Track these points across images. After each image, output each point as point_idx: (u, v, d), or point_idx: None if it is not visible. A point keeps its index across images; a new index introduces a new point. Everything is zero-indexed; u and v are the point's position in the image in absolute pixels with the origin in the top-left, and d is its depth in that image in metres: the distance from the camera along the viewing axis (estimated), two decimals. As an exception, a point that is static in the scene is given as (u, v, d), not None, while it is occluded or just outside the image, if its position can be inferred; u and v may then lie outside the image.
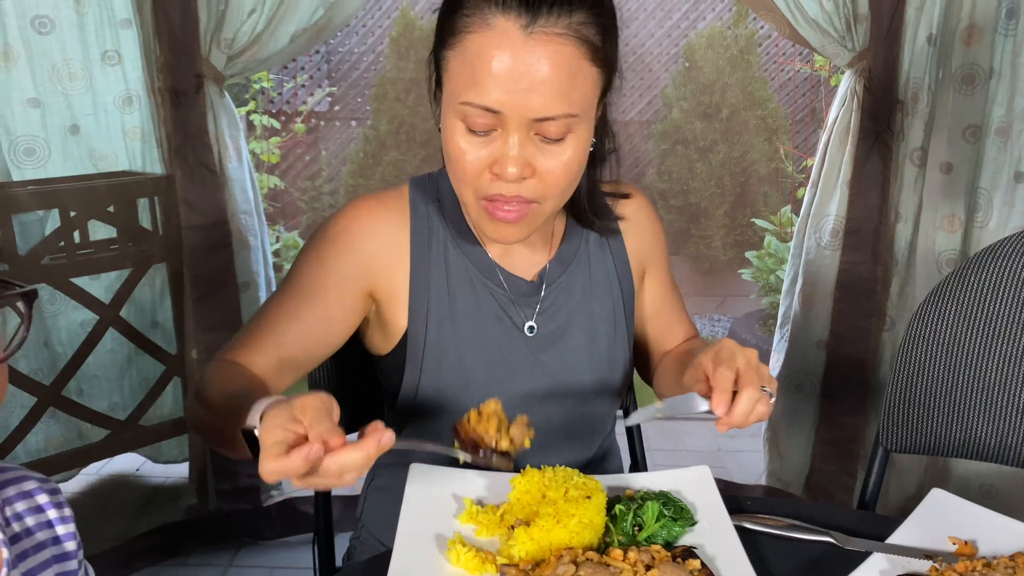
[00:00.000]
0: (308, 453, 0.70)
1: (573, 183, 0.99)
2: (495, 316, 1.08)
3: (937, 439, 1.36)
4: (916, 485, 2.22)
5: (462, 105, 0.91)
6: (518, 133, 0.91)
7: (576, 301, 1.12)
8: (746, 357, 0.89)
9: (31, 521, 0.71)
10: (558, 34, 0.88)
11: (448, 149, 0.96)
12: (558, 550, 0.83)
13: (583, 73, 0.91)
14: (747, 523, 0.95)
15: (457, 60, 0.92)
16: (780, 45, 5.02)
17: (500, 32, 0.88)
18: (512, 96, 0.89)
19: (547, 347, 1.10)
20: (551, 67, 0.88)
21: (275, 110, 4.86)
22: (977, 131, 1.98)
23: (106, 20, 2.09)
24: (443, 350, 1.06)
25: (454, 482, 0.98)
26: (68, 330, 2.26)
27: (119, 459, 2.55)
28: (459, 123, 0.93)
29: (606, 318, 1.14)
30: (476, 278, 1.08)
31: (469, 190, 0.97)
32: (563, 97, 0.90)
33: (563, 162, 0.94)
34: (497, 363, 1.07)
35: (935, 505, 0.97)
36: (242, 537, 2.35)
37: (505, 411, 1.01)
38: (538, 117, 0.90)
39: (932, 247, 2.09)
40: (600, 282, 1.14)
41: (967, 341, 1.32)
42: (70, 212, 2.09)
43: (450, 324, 1.06)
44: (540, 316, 1.10)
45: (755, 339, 4.03)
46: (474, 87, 0.90)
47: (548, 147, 0.93)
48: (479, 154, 0.93)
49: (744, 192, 4.92)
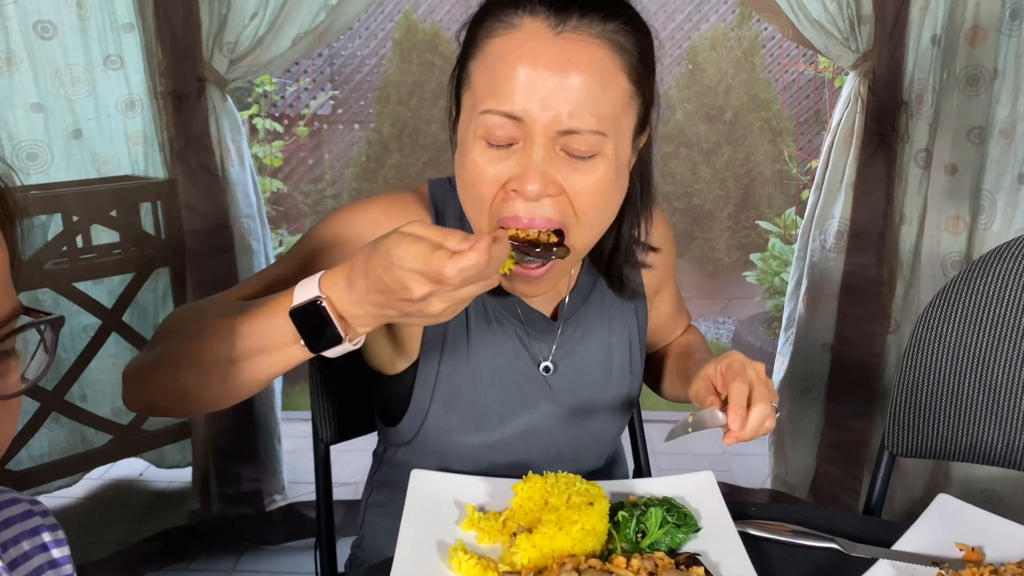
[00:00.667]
0: (483, 242, 0.66)
1: (602, 217, 0.89)
2: (513, 352, 1.03)
3: (943, 443, 1.35)
4: (921, 489, 2.20)
5: (482, 115, 0.83)
6: (542, 145, 0.82)
7: (594, 335, 1.07)
8: (756, 371, 0.88)
9: (27, 546, 0.69)
10: (591, 35, 0.81)
11: (463, 169, 0.87)
12: (561, 557, 0.82)
13: (617, 85, 0.83)
14: (751, 529, 0.94)
15: (478, 70, 0.85)
16: (784, 47, 5.01)
17: (525, 32, 0.82)
18: (537, 102, 0.80)
19: (564, 384, 1.06)
20: (581, 69, 0.80)
21: (278, 113, 4.87)
22: (981, 132, 1.97)
23: (108, 24, 2.09)
24: (456, 383, 1.01)
25: (456, 488, 0.97)
26: (71, 335, 2.26)
27: (122, 464, 2.55)
28: (477, 140, 0.84)
29: (622, 349, 1.10)
30: (494, 310, 1.02)
31: (485, 216, 0.87)
32: (593, 106, 0.81)
33: (593, 182, 0.84)
34: (512, 398, 1.03)
35: (941, 511, 0.96)
36: (245, 542, 2.34)
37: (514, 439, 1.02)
38: (565, 129, 0.81)
39: (937, 249, 2.08)
40: (617, 313, 1.09)
41: (973, 344, 1.31)
42: (72, 217, 2.09)
43: (465, 357, 1.01)
44: (558, 352, 1.05)
45: (759, 342, 4.02)
46: (495, 92, 0.82)
47: (577, 163, 0.83)
48: (497, 170, 0.84)
49: (748, 194, 4.91)
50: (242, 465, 2.29)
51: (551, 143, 0.83)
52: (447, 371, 1.01)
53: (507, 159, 0.84)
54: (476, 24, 0.87)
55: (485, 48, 0.84)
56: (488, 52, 0.84)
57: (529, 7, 0.82)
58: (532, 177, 0.82)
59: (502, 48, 0.82)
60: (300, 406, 2.86)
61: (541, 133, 0.82)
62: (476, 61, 0.85)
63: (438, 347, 1.01)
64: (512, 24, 0.82)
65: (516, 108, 0.81)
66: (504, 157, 0.84)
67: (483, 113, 0.83)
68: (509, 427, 1.04)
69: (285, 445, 2.41)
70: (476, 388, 1.02)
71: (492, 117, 0.82)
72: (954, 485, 2.13)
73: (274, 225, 4.57)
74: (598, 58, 0.81)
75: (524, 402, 1.04)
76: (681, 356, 1.20)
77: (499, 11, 0.85)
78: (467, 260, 0.66)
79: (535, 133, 0.82)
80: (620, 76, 0.83)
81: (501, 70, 0.82)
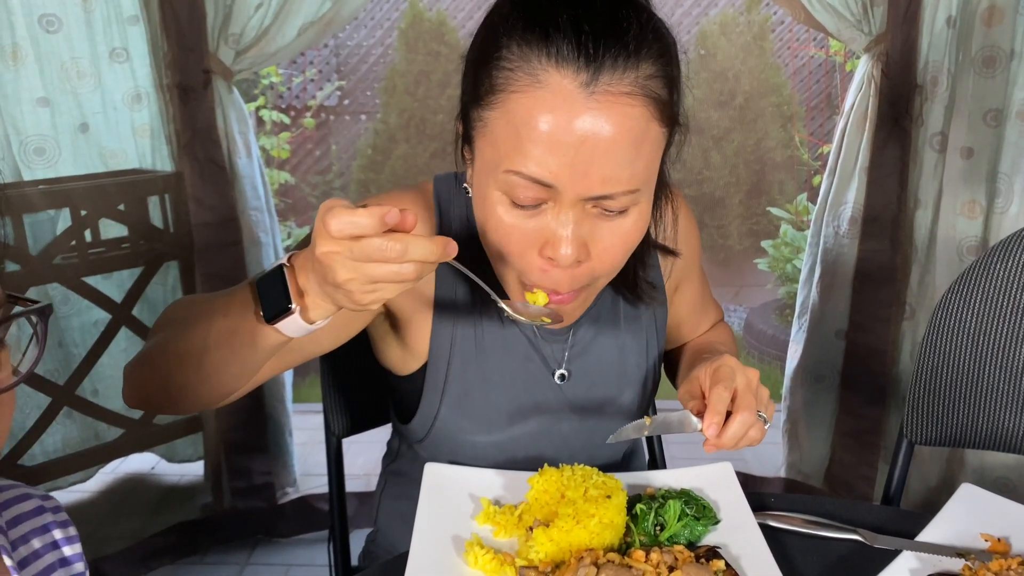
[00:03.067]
0: (385, 212, 0.62)
1: (629, 253, 0.86)
2: (524, 355, 1.00)
3: (962, 431, 1.33)
4: (937, 476, 2.18)
5: (507, 175, 0.77)
6: (573, 209, 0.78)
7: (607, 336, 1.04)
8: (746, 378, 0.83)
9: (38, 543, 0.68)
10: (624, 93, 0.74)
11: (487, 223, 0.82)
12: (578, 551, 0.81)
13: (650, 139, 0.78)
14: (771, 521, 0.92)
15: (499, 123, 0.77)
16: (794, 31, 4.96)
17: (554, 92, 0.74)
18: (569, 170, 0.75)
19: (577, 391, 1.04)
20: (616, 135, 0.74)
21: (284, 105, 4.86)
22: (998, 115, 1.94)
23: (114, 17, 2.08)
24: (467, 386, 0.99)
25: (471, 482, 0.96)
26: (81, 330, 2.25)
27: (134, 458, 2.55)
28: (501, 195, 0.79)
29: (637, 350, 1.06)
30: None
31: (512, 273, 0.85)
32: (628, 170, 0.77)
33: (621, 236, 0.81)
34: (524, 402, 1.01)
35: (966, 500, 0.95)
36: (258, 535, 2.34)
37: (526, 441, 1.00)
38: (598, 195, 0.77)
39: (952, 234, 2.05)
40: (631, 310, 1.05)
41: (993, 330, 1.29)
42: (81, 211, 2.09)
43: (475, 360, 0.99)
44: (571, 355, 1.02)
45: (772, 329, 4.00)
46: (522, 157, 0.75)
47: (607, 221, 0.80)
48: (526, 228, 0.80)
49: (759, 180, 4.88)
50: (254, 458, 2.29)
51: (581, 206, 0.79)
52: (457, 373, 0.99)
53: (535, 217, 0.80)
54: (492, 55, 0.78)
55: (507, 103, 0.76)
56: (511, 109, 0.76)
57: (556, 54, 0.74)
58: (564, 244, 0.79)
59: (528, 109, 0.75)
60: (311, 398, 2.85)
61: (572, 199, 0.77)
62: (495, 111, 0.78)
63: (447, 348, 0.99)
64: (538, 79, 0.74)
65: (546, 176, 0.76)
66: (532, 216, 0.80)
67: (507, 173, 0.77)
68: (520, 428, 1.02)
69: (296, 438, 2.41)
70: (486, 390, 1.00)
71: (518, 179, 0.77)
72: (968, 473, 2.11)
73: (282, 217, 4.56)
74: (632, 118, 0.75)
75: (535, 404, 1.02)
76: (696, 352, 1.15)
77: (520, 49, 0.76)
78: (352, 215, 0.62)
79: (565, 199, 0.77)
80: (654, 126, 0.78)
81: (527, 133, 0.75)
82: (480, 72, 0.79)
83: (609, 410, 1.06)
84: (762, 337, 4.00)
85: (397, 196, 0.98)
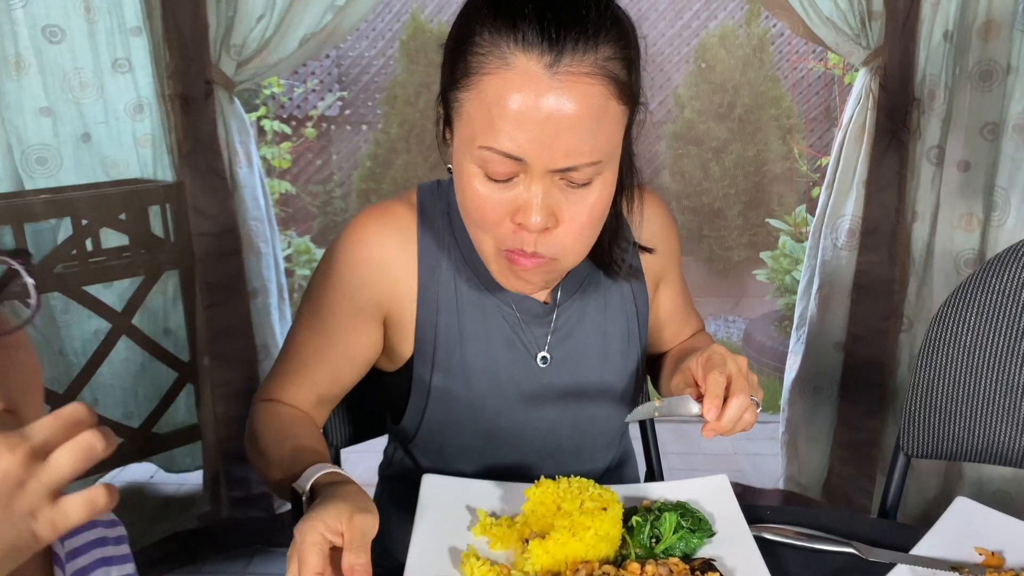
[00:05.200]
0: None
1: (597, 228, 0.93)
2: (505, 340, 1.04)
3: (959, 444, 1.33)
4: (935, 489, 2.18)
5: (481, 151, 0.85)
6: (542, 180, 0.85)
7: (590, 321, 1.08)
8: (737, 364, 0.88)
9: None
10: (585, 73, 0.81)
11: (465, 195, 0.90)
12: (574, 564, 0.81)
13: (610, 114, 0.85)
14: (766, 533, 0.93)
15: (473, 103, 0.85)
16: (793, 43, 4.99)
17: (521, 73, 0.81)
18: (537, 144, 0.82)
19: (560, 374, 1.07)
20: (578, 111, 0.82)
21: (286, 115, 4.87)
22: (995, 128, 1.95)
23: (116, 28, 2.09)
24: (451, 378, 1.03)
25: (467, 493, 0.96)
26: (82, 339, 2.26)
27: (132, 468, 2.55)
28: (477, 169, 0.87)
29: (620, 336, 1.10)
30: (486, 298, 1.04)
31: (489, 239, 0.92)
32: (590, 144, 0.84)
33: (588, 205, 0.88)
34: (507, 388, 1.05)
35: (960, 514, 0.95)
36: (256, 544, 2.34)
37: (512, 430, 1.04)
38: (563, 167, 0.84)
39: (950, 247, 2.05)
40: (614, 300, 1.10)
41: (989, 343, 1.29)
42: (82, 220, 2.09)
43: (459, 351, 1.03)
44: (553, 340, 1.06)
45: (770, 340, 4.00)
46: (494, 133, 0.83)
47: (573, 192, 0.87)
48: (500, 199, 0.87)
49: (758, 192, 4.89)
50: (252, 468, 2.29)
51: (550, 177, 0.86)
52: (442, 365, 1.03)
53: (509, 190, 0.87)
54: (466, 42, 0.85)
55: (479, 84, 0.84)
56: (483, 89, 0.84)
57: (522, 39, 0.81)
58: (535, 211, 0.86)
59: (498, 89, 0.82)
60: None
61: (540, 171, 0.85)
62: (469, 92, 0.85)
63: (431, 342, 1.03)
64: (507, 62, 0.82)
65: (515, 150, 0.83)
66: (505, 188, 0.87)
67: (481, 148, 0.85)
68: (505, 418, 1.05)
69: (295, 448, 2.41)
70: (470, 380, 1.03)
71: (491, 155, 0.84)
72: (966, 485, 2.11)
73: (283, 227, 4.58)
74: (592, 96, 0.82)
75: (518, 391, 1.05)
76: (681, 354, 1.18)
77: (491, 36, 0.83)
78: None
79: (534, 171, 0.85)
80: (613, 103, 0.85)
81: (498, 111, 0.82)
82: (456, 58, 0.87)
83: (592, 394, 1.08)
84: (761, 348, 4.00)
85: (387, 212, 1.05)
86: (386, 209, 1.05)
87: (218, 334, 2.20)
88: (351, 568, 0.72)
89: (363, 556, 0.73)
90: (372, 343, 1.05)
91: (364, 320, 1.03)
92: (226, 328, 2.20)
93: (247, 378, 2.24)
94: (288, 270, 4.23)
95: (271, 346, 2.28)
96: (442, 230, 1.04)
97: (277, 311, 2.30)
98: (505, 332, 1.04)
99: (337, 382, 1.06)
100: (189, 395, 2.38)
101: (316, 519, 0.74)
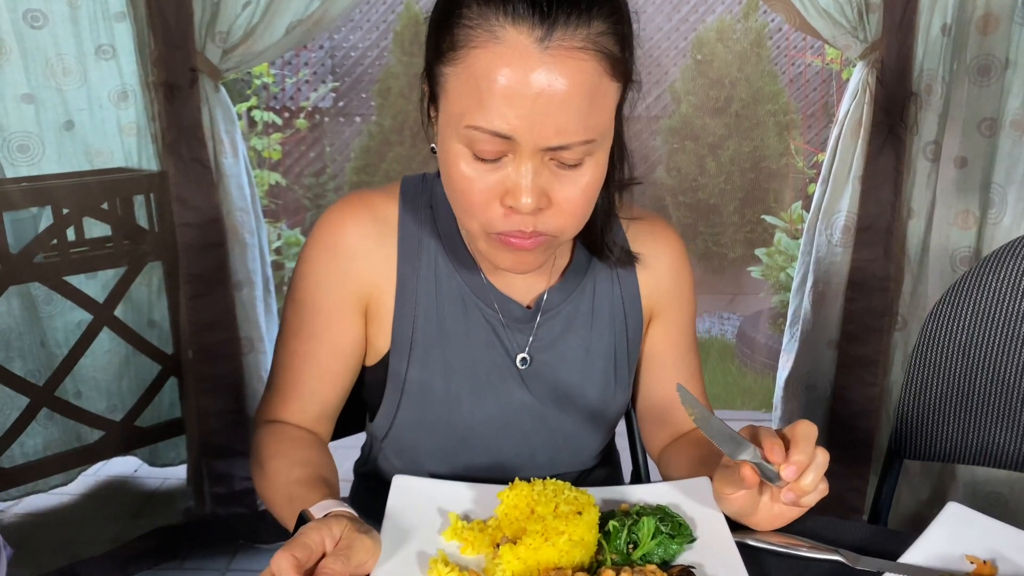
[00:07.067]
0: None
1: (590, 208, 0.89)
2: (485, 342, 1.01)
3: (953, 446, 1.30)
4: (928, 490, 2.16)
5: (467, 129, 0.80)
6: (532, 160, 0.81)
7: (575, 332, 1.04)
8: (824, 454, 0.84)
9: None
10: (577, 48, 0.77)
11: (451, 177, 0.85)
12: (546, 570, 0.78)
13: (603, 91, 0.81)
14: (750, 540, 0.89)
15: (460, 79, 0.80)
16: (791, 38, 4.95)
17: (511, 47, 0.77)
18: (527, 121, 0.78)
19: (539, 380, 1.03)
20: (570, 88, 0.78)
21: (278, 106, 4.83)
22: (992, 124, 1.92)
23: (100, 13, 2.06)
24: (428, 375, 1.00)
25: (439, 495, 0.93)
26: (65, 330, 2.23)
27: (116, 462, 2.52)
28: (463, 149, 0.83)
29: (604, 353, 1.05)
30: (467, 298, 1.01)
31: (476, 223, 0.87)
32: (582, 122, 0.80)
33: (581, 187, 0.84)
34: (484, 391, 1.01)
35: (951, 520, 0.92)
36: (239, 540, 2.31)
37: (486, 434, 1.01)
38: (554, 145, 0.80)
39: (946, 244, 2.02)
40: (603, 315, 1.05)
41: (984, 343, 1.26)
42: (63, 209, 2.06)
43: (438, 348, 1.00)
44: (534, 346, 1.02)
45: (765, 338, 3.97)
46: (482, 110, 0.79)
47: (565, 173, 0.83)
48: (488, 182, 0.83)
49: (754, 188, 4.86)
50: (235, 464, 2.26)
51: (540, 157, 0.82)
52: (418, 361, 1.00)
53: (496, 171, 0.83)
54: (453, 14, 0.81)
55: (467, 59, 0.79)
56: (470, 64, 0.79)
57: (513, 12, 0.77)
58: (525, 193, 0.82)
59: (486, 63, 0.78)
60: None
61: (530, 150, 0.80)
62: (456, 67, 0.81)
63: (408, 337, 1.00)
64: (496, 36, 0.77)
65: (504, 128, 0.79)
66: (493, 169, 0.83)
67: (468, 127, 0.80)
68: (480, 420, 1.01)
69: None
70: (447, 378, 1.00)
71: (478, 134, 0.80)
72: (960, 487, 2.08)
73: (274, 218, 4.54)
74: (585, 72, 0.78)
75: (496, 394, 1.02)
76: (703, 441, 1.06)
77: (479, 8, 0.79)
78: None
79: (524, 150, 0.80)
80: (606, 80, 0.81)
81: (486, 87, 0.78)
82: (442, 31, 0.82)
83: (570, 409, 1.05)
84: (755, 346, 3.98)
85: (365, 201, 1.02)
86: (364, 198, 1.02)
87: (202, 327, 2.16)
88: (323, 568, 0.72)
89: (339, 563, 0.72)
90: (359, 337, 1.02)
91: (348, 314, 1.00)
92: (210, 320, 2.16)
93: (231, 372, 2.21)
94: (278, 263, 4.20)
95: (256, 339, 2.24)
96: (425, 223, 1.01)
97: (263, 303, 2.27)
98: (486, 334, 1.01)
99: (333, 385, 1.03)
100: (173, 388, 2.35)
101: (320, 521, 0.76)
